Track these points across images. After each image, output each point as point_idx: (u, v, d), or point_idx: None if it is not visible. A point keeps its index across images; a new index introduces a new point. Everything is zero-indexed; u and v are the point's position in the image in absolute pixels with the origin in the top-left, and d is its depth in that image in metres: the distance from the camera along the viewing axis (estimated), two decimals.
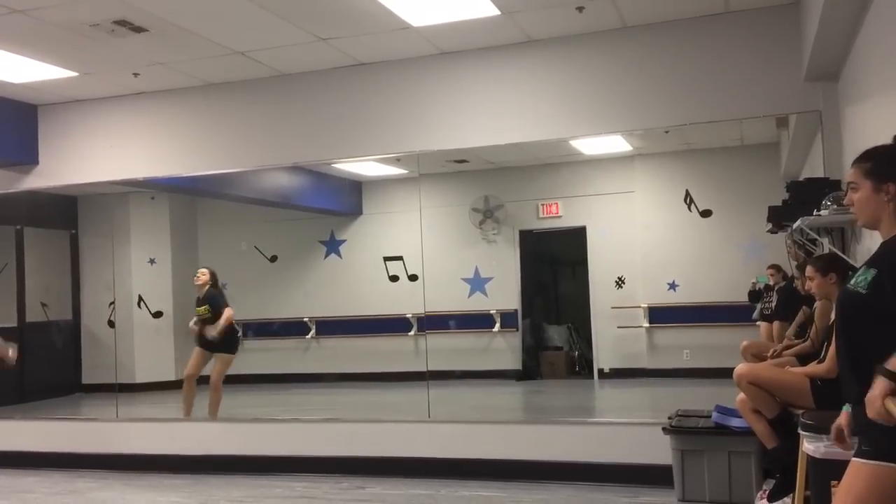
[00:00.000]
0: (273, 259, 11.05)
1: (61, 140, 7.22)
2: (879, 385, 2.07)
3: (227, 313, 7.44)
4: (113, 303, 9.42)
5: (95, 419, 7.54)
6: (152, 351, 10.52)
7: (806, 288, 4.45)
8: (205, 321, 7.48)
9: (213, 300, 7.52)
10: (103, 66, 6.27)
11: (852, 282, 2.28)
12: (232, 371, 8.70)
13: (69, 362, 10.47)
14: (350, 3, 5.14)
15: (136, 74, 6.48)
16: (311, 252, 11.14)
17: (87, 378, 10.45)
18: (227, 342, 7.52)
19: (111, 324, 9.47)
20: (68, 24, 5.31)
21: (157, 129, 6.97)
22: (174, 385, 10.60)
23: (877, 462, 2.16)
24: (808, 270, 4.24)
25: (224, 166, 6.88)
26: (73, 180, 7.25)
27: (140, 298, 10.50)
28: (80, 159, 7.17)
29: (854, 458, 2.26)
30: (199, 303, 7.57)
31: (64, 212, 10.27)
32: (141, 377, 9.86)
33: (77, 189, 8.00)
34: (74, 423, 7.37)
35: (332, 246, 11.08)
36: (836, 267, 4.14)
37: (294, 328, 10.76)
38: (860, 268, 2.33)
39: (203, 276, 7.57)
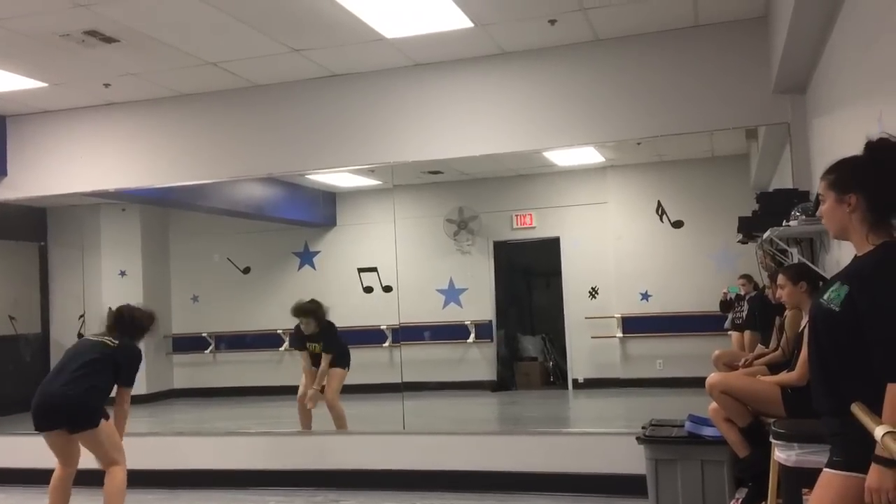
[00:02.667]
0: (246, 271, 10.98)
1: (31, 151, 7.13)
2: (878, 478, 2.02)
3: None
4: (83, 315, 9.29)
5: None
6: None
7: (777, 296, 4.51)
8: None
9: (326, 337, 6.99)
10: (74, 77, 6.21)
11: (825, 297, 2.29)
12: (205, 384, 8.63)
13: (38, 376, 10.25)
14: (323, 15, 5.14)
15: (106, 85, 6.42)
16: (285, 263, 11.07)
17: None
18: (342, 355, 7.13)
19: (81, 336, 9.33)
20: (38, 35, 5.25)
21: (129, 140, 6.91)
22: (144, 399, 10.48)
23: (848, 473, 2.16)
24: (780, 279, 4.30)
25: (196, 177, 6.83)
26: (43, 192, 7.16)
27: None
28: (49, 171, 7.08)
29: (825, 469, 2.27)
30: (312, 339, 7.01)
31: (33, 224, 10.11)
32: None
33: (46, 201, 7.90)
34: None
35: (306, 257, 11.03)
36: (806, 276, 4.20)
37: (267, 340, 10.67)
38: (833, 281, 2.34)
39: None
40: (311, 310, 6.97)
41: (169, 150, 6.81)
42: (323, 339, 6.96)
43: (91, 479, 5.09)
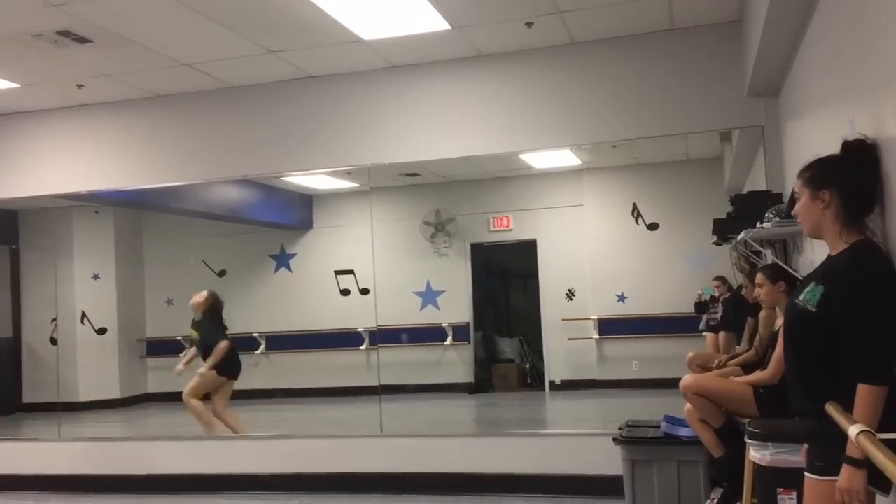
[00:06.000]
0: (222, 274, 10.88)
1: (1, 153, 7.03)
2: (848, 479, 2.04)
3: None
4: (55, 319, 9.17)
5: (37, 439, 7.32)
6: (96, 368, 10.27)
7: (754, 295, 4.55)
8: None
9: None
10: (46, 78, 6.14)
11: (800, 297, 2.30)
12: (179, 388, 8.39)
13: (9, 381, 10.16)
14: (300, 16, 5.12)
15: (80, 86, 6.35)
16: (261, 266, 11.00)
17: (28, 397, 10.15)
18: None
19: (53, 341, 9.21)
20: (9, 35, 5.18)
21: (102, 142, 6.83)
22: (118, 403, 10.39)
23: (830, 477, 2.15)
24: (758, 278, 4.34)
25: (171, 179, 6.77)
26: (14, 194, 7.06)
27: (83, 315, 10.26)
28: (21, 173, 6.99)
29: (808, 474, 2.27)
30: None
31: (4, 226, 9.98)
32: (84, 395, 9.61)
33: (18, 203, 7.80)
34: (15, 444, 7.14)
35: (283, 260, 10.97)
36: (784, 276, 4.24)
37: (244, 343, 10.58)
38: (807, 281, 2.35)
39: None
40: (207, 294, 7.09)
41: (143, 151, 6.74)
42: (203, 327, 6.99)
43: None
